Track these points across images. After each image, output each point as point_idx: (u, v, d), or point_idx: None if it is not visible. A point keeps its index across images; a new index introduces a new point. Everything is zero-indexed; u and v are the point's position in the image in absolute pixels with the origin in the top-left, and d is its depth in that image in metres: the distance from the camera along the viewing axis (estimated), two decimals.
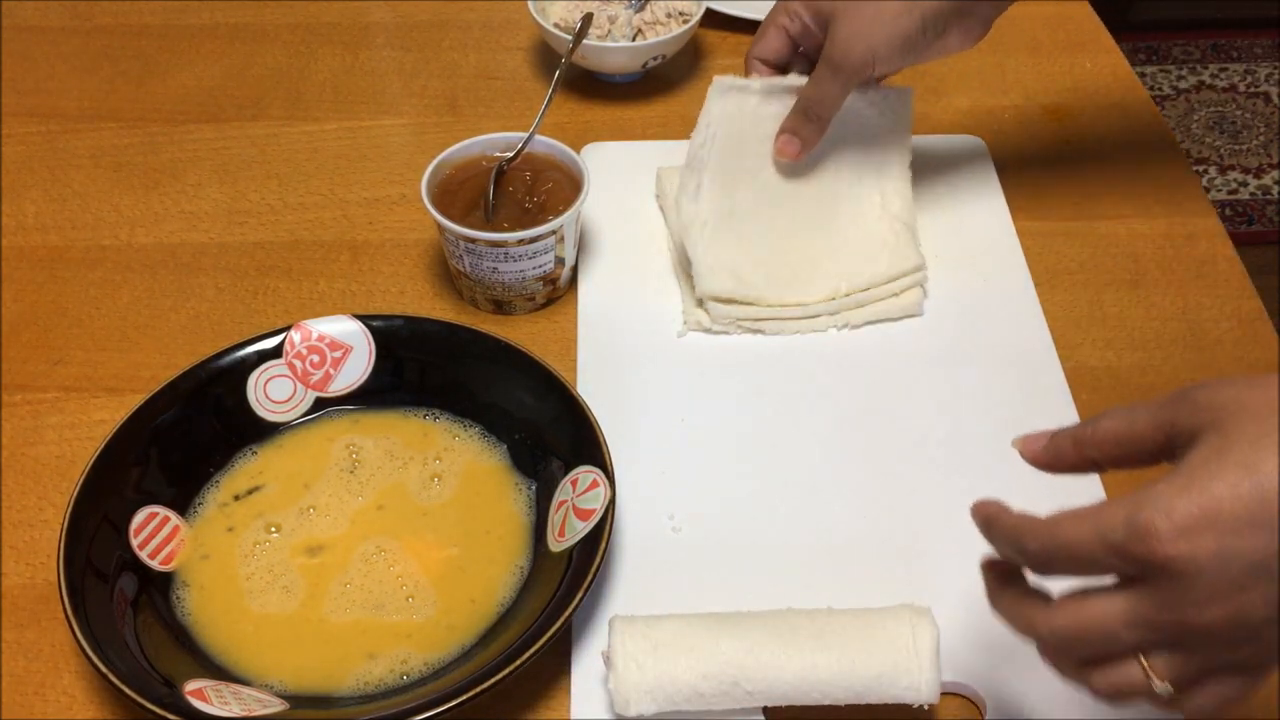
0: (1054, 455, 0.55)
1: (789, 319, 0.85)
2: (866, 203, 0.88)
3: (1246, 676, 0.49)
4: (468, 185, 0.87)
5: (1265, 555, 0.45)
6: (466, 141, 0.88)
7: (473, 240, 0.82)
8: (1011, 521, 0.52)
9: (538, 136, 0.88)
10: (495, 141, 0.88)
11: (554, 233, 0.83)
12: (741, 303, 0.84)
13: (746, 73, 0.86)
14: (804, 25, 0.82)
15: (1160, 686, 0.48)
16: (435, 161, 0.86)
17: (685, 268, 0.87)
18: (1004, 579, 0.54)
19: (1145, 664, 0.49)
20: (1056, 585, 0.52)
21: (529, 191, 0.87)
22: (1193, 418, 0.49)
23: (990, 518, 0.53)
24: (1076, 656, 0.50)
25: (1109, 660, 0.50)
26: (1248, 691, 0.49)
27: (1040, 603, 0.52)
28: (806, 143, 0.83)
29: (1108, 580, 0.49)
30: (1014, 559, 0.53)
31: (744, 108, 0.85)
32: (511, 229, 0.83)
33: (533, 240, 0.82)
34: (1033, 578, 0.54)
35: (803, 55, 0.85)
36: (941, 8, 0.77)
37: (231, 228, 0.95)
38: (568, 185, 0.86)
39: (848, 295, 0.85)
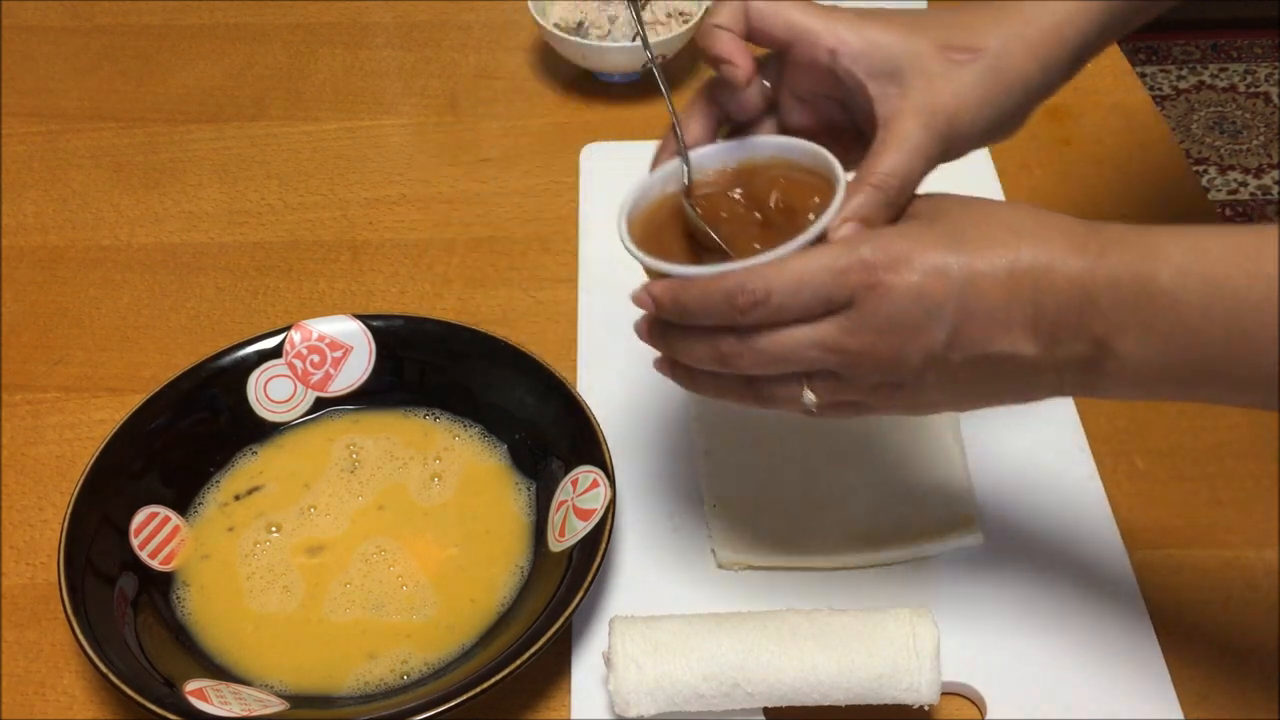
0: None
1: None
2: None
3: (876, 412, 0.58)
4: (667, 229, 0.64)
5: (944, 300, 0.53)
6: (643, 182, 0.65)
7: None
8: (714, 280, 0.55)
9: (703, 149, 0.64)
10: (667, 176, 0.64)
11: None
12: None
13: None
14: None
15: (809, 400, 0.57)
16: (624, 214, 0.64)
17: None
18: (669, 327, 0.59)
19: (807, 385, 0.57)
20: None
21: (755, 205, 0.63)
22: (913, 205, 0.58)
23: (672, 289, 0.57)
24: (761, 374, 0.57)
25: (779, 379, 0.57)
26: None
27: (729, 335, 0.56)
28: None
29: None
30: (714, 318, 0.56)
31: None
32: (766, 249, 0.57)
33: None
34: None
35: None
36: (1031, 80, 0.65)
37: (231, 228, 0.95)
38: (799, 174, 0.62)
39: None
